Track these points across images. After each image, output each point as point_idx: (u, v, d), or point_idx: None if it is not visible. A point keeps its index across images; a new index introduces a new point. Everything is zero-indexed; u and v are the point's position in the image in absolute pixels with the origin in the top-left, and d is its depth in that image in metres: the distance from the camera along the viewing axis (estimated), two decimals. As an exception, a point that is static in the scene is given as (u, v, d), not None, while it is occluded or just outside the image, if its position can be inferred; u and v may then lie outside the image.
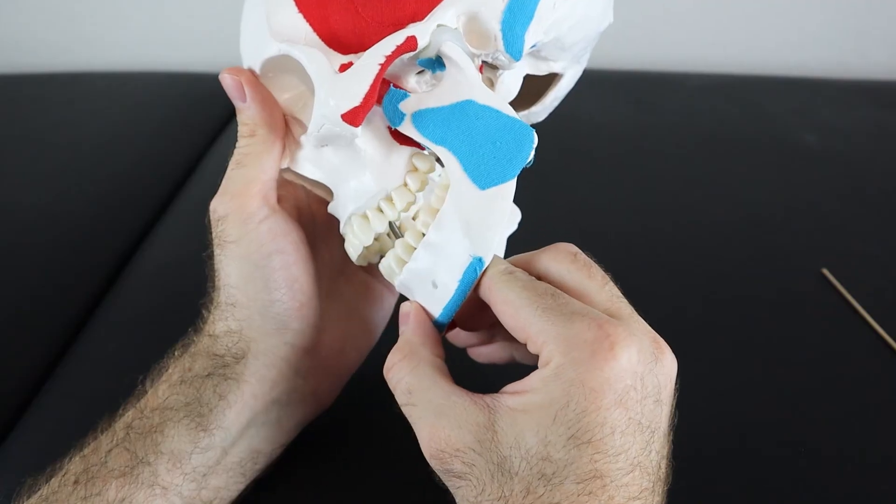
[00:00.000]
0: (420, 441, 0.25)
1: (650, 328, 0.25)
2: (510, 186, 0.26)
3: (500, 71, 0.29)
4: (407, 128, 0.27)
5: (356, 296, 0.33)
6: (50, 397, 0.42)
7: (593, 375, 0.22)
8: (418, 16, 0.27)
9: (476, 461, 0.23)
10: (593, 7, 0.30)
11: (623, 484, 0.22)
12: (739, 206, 0.55)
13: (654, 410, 0.24)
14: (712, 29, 0.84)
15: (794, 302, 0.45)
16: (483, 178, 0.26)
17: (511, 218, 0.34)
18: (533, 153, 0.27)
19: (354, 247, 0.30)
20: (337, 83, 0.26)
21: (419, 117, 0.27)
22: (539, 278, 0.27)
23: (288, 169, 0.31)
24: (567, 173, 0.60)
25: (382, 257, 0.30)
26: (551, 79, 0.33)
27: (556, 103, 0.35)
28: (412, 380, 0.25)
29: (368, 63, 0.26)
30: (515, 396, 0.23)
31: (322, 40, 0.28)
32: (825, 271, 0.47)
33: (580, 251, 0.26)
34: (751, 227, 0.53)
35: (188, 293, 0.36)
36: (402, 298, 0.29)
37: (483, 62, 0.28)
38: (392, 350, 0.27)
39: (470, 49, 0.27)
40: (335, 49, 0.28)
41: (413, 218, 0.28)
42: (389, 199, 0.28)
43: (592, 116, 0.69)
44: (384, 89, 0.28)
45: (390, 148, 0.29)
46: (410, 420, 0.25)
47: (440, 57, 0.27)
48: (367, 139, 0.28)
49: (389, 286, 0.36)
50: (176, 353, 0.31)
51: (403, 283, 0.28)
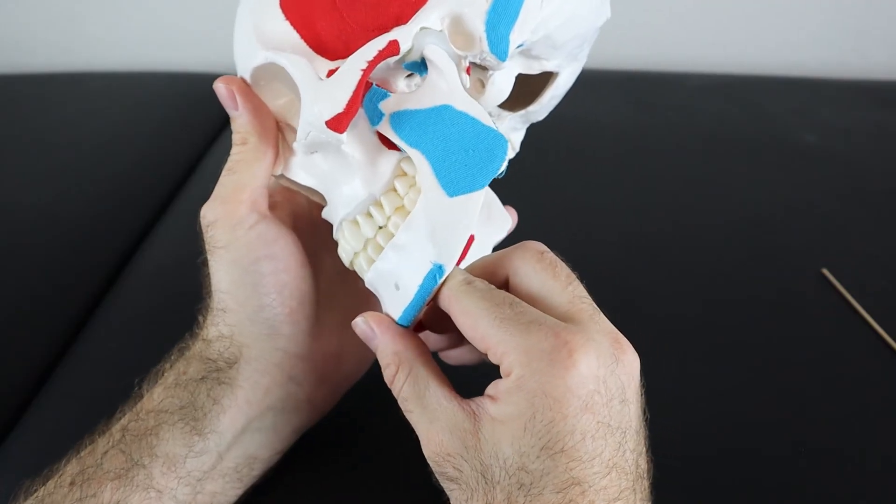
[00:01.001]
0: (421, 444, 0.25)
1: (612, 327, 0.25)
2: (479, 196, 0.26)
3: (491, 72, 0.29)
4: (384, 127, 0.27)
5: (355, 304, 0.33)
6: (50, 397, 0.42)
7: (555, 385, 0.22)
8: (402, 19, 0.26)
9: (463, 467, 0.24)
10: (583, 5, 0.29)
11: (602, 487, 0.22)
12: (739, 206, 0.55)
13: (622, 410, 0.24)
14: (712, 29, 0.84)
15: (794, 302, 0.45)
16: (452, 186, 0.26)
17: (498, 226, 0.34)
18: (505, 164, 0.27)
19: (346, 252, 0.29)
20: (320, 90, 0.26)
21: (397, 118, 0.27)
22: (506, 278, 0.27)
23: (283, 175, 0.31)
24: (567, 173, 0.60)
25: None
26: (548, 77, 0.33)
27: (555, 102, 0.35)
28: (409, 388, 0.26)
29: (351, 69, 0.26)
30: (493, 404, 0.24)
31: (309, 46, 0.28)
32: (825, 271, 0.47)
33: (548, 250, 0.26)
34: (751, 227, 0.53)
35: (188, 293, 0.36)
36: None
37: (472, 63, 0.28)
38: (385, 363, 0.27)
39: (455, 51, 0.27)
40: (322, 55, 0.28)
41: (388, 218, 0.28)
42: (378, 204, 0.28)
43: (592, 116, 0.69)
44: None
45: (378, 152, 0.28)
46: (412, 424, 0.26)
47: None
48: (354, 145, 0.28)
49: None
50: (172, 357, 0.31)
51: (371, 282, 0.28)
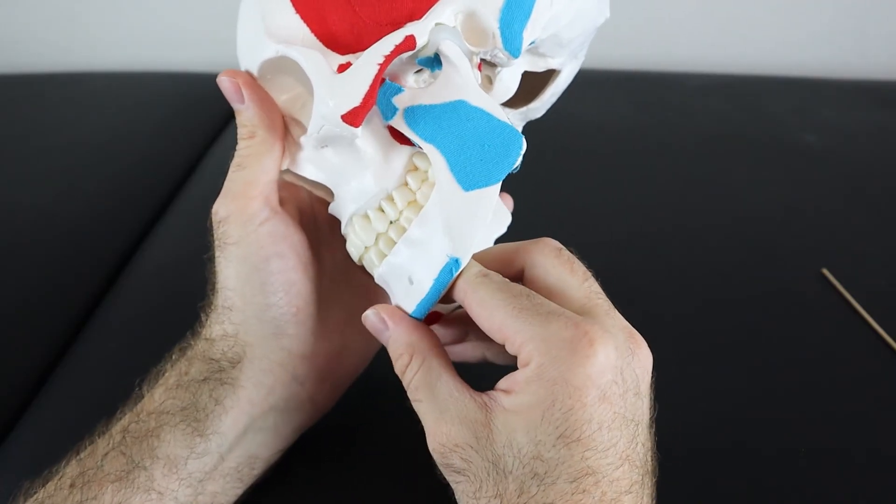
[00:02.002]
0: (426, 435, 0.25)
1: (626, 323, 0.25)
2: (494, 190, 0.26)
3: (499, 68, 0.29)
4: (398, 122, 0.27)
5: (358, 301, 0.33)
6: (50, 397, 0.42)
7: (575, 373, 0.22)
8: (416, 14, 0.27)
9: (473, 458, 0.24)
10: (587, 3, 0.30)
11: (614, 479, 0.23)
12: (739, 206, 0.55)
13: (636, 403, 0.24)
14: (712, 29, 0.84)
15: (794, 302, 0.45)
16: (468, 180, 0.26)
17: (499, 220, 0.34)
18: (520, 159, 0.27)
19: (356, 247, 0.29)
20: (336, 84, 0.26)
21: (411, 113, 0.27)
22: (521, 270, 0.27)
23: (288, 170, 0.31)
24: (567, 173, 0.60)
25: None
26: (549, 75, 0.33)
27: (554, 99, 0.35)
28: (420, 377, 0.26)
29: (367, 63, 0.26)
30: (507, 396, 0.24)
31: (320, 40, 0.27)
32: (825, 271, 0.47)
33: (564, 247, 0.27)
34: (751, 227, 0.53)
35: (188, 293, 0.36)
36: None
37: (482, 60, 0.28)
38: (397, 354, 0.27)
39: (468, 47, 0.27)
40: (333, 49, 0.27)
41: (400, 213, 0.28)
42: (391, 199, 0.28)
43: (592, 116, 0.69)
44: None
45: (390, 147, 0.28)
46: (419, 415, 0.26)
47: (438, 56, 0.27)
48: (367, 139, 0.28)
49: None
50: (173, 357, 0.31)
51: (382, 276, 0.28)
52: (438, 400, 0.25)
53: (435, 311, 0.30)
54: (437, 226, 0.26)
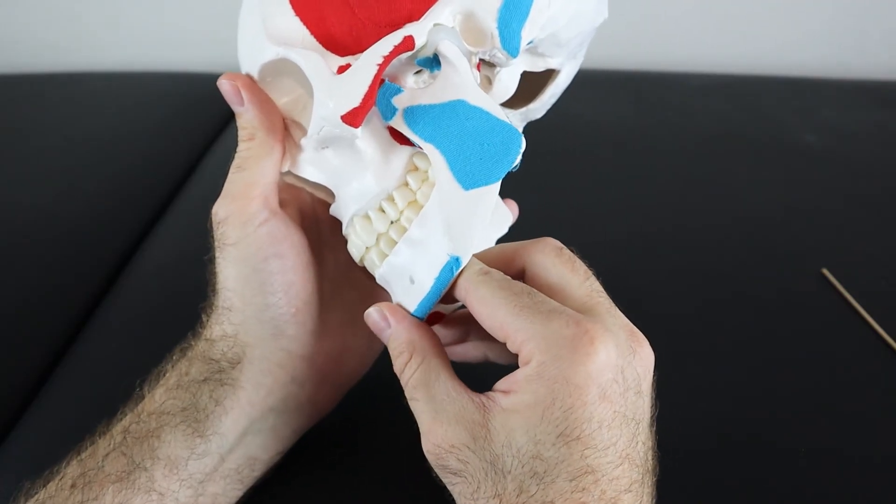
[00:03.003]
0: (421, 435, 0.25)
1: (628, 322, 0.25)
2: (494, 189, 0.26)
3: (498, 68, 0.29)
4: (398, 123, 0.27)
5: (359, 303, 0.33)
6: (50, 397, 0.42)
7: (576, 371, 0.22)
8: (414, 16, 0.27)
9: (470, 458, 0.24)
10: (586, 2, 0.30)
11: (614, 477, 0.23)
12: (739, 206, 0.55)
13: (637, 402, 0.24)
14: (712, 29, 0.84)
15: (794, 302, 0.45)
16: (468, 179, 0.26)
17: (500, 221, 0.34)
18: (519, 157, 0.27)
19: (357, 247, 0.29)
20: (335, 85, 0.26)
21: (410, 113, 0.27)
22: (522, 269, 0.27)
23: (289, 172, 0.31)
24: (566, 173, 0.60)
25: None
26: (548, 75, 0.33)
27: (554, 100, 0.35)
28: (418, 376, 0.26)
29: (366, 64, 0.26)
30: (505, 396, 0.24)
31: (319, 42, 0.28)
32: (825, 271, 0.47)
33: (565, 247, 0.27)
34: (751, 227, 0.53)
35: (188, 293, 0.36)
36: None
37: (480, 60, 0.28)
38: (397, 352, 0.27)
39: (467, 47, 0.27)
40: (332, 51, 0.28)
41: (400, 213, 0.28)
42: (391, 199, 0.28)
43: (592, 116, 0.69)
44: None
45: (391, 148, 0.29)
46: (414, 414, 0.26)
47: (437, 56, 0.28)
48: (367, 140, 0.28)
49: None
50: (174, 357, 0.31)
51: (383, 276, 0.28)
52: (435, 400, 0.25)
53: (437, 312, 0.30)
54: (438, 225, 0.26)
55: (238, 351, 0.30)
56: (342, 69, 0.27)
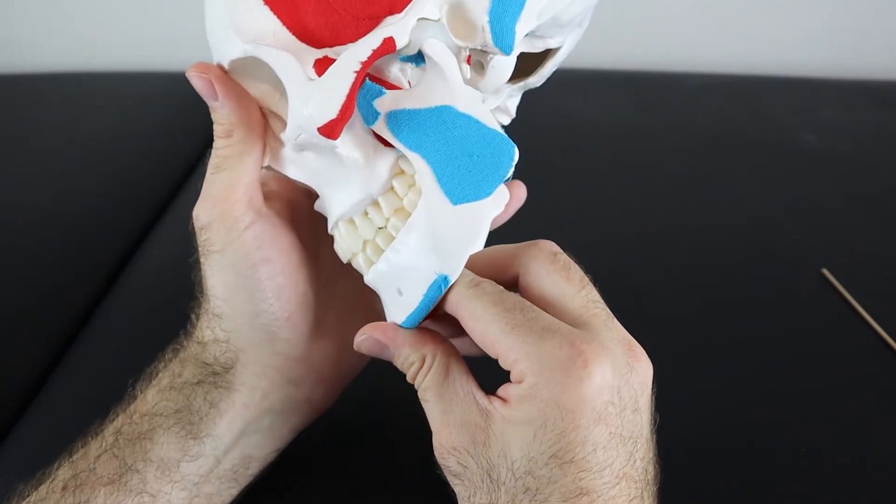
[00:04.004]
0: (432, 436, 0.25)
1: (626, 334, 0.25)
2: (485, 204, 0.25)
3: (491, 55, 0.27)
4: (380, 128, 0.25)
5: (357, 297, 0.32)
6: (50, 397, 0.41)
7: (569, 395, 0.22)
8: (396, 7, 0.24)
9: (469, 463, 0.23)
10: None
11: (610, 497, 0.22)
12: (740, 206, 0.55)
13: (634, 420, 0.23)
14: (712, 29, 0.84)
15: (794, 302, 0.45)
16: (456, 193, 0.25)
17: (495, 200, 0.32)
18: (512, 170, 0.25)
19: (343, 250, 0.28)
20: (311, 93, 0.24)
21: (394, 118, 0.25)
22: (516, 276, 0.26)
23: (270, 167, 0.29)
24: (566, 173, 0.60)
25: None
26: (548, 51, 0.30)
27: (554, 69, 0.32)
28: (429, 379, 0.25)
29: (343, 69, 0.24)
30: (504, 406, 0.23)
31: (293, 34, 0.25)
32: (825, 271, 0.47)
33: (561, 251, 0.26)
34: (751, 227, 0.52)
35: (188, 293, 0.36)
36: None
37: (471, 50, 0.26)
38: (406, 365, 0.26)
39: (455, 41, 0.24)
40: (307, 43, 0.25)
41: (386, 220, 0.27)
42: (377, 205, 0.27)
43: (592, 116, 0.69)
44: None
45: (374, 151, 0.26)
46: (427, 414, 0.25)
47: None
48: (349, 145, 0.26)
49: None
50: (166, 357, 0.31)
51: (371, 282, 0.27)
52: (444, 400, 0.25)
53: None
54: (425, 239, 0.25)
55: (231, 356, 0.29)
56: (319, 63, 0.25)
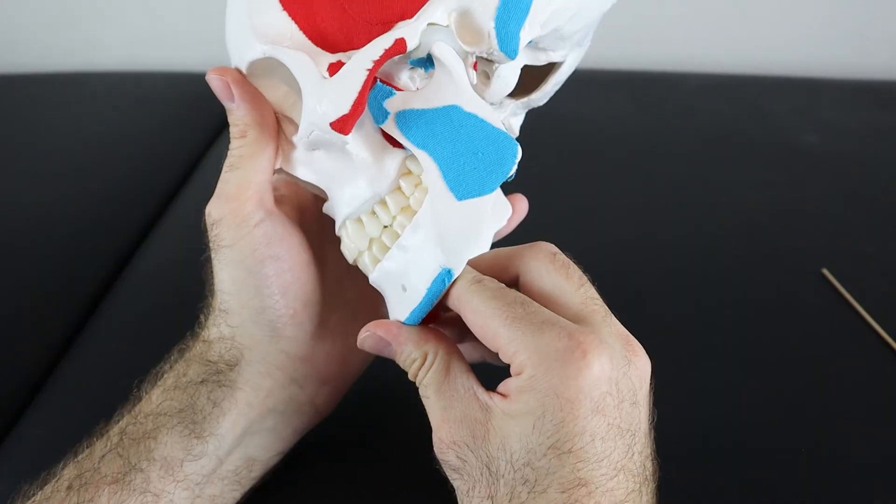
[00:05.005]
0: (432, 432, 0.25)
1: (623, 330, 0.25)
2: (488, 200, 0.26)
3: (496, 64, 0.28)
4: (390, 127, 0.27)
5: (361, 301, 0.33)
6: (50, 397, 0.42)
7: (567, 385, 0.22)
8: (407, 13, 0.26)
9: (468, 457, 0.24)
10: None
11: (608, 489, 0.22)
12: (740, 206, 0.55)
13: (632, 413, 0.24)
14: (712, 29, 0.84)
15: (794, 302, 0.45)
16: (461, 189, 0.26)
17: (498, 213, 0.33)
18: (515, 168, 0.26)
19: (350, 250, 0.29)
20: (325, 90, 0.25)
21: (403, 118, 0.27)
22: (517, 276, 0.27)
23: (281, 169, 0.30)
24: (566, 173, 0.60)
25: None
26: (551, 65, 0.32)
27: (557, 87, 0.33)
28: (430, 377, 0.26)
29: (356, 68, 0.25)
30: (503, 400, 0.24)
31: (309, 39, 0.27)
32: (825, 271, 0.47)
33: (560, 251, 0.26)
34: (751, 228, 0.52)
35: (188, 293, 0.36)
36: None
37: (478, 57, 0.28)
38: (408, 362, 0.27)
39: (462, 47, 0.26)
40: (322, 48, 0.27)
41: (393, 218, 0.28)
42: (384, 204, 0.28)
43: (592, 116, 0.69)
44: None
45: (383, 150, 0.28)
46: (427, 410, 0.26)
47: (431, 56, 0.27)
48: (359, 143, 0.28)
49: None
50: (172, 358, 0.31)
51: (375, 281, 0.28)
52: (445, 397, 0.25)
53: (434, 310, 0.30)
54: (430, 235, 0.26)
55: (235, 353, 0.30)
56: (333, 67, 0.26)
